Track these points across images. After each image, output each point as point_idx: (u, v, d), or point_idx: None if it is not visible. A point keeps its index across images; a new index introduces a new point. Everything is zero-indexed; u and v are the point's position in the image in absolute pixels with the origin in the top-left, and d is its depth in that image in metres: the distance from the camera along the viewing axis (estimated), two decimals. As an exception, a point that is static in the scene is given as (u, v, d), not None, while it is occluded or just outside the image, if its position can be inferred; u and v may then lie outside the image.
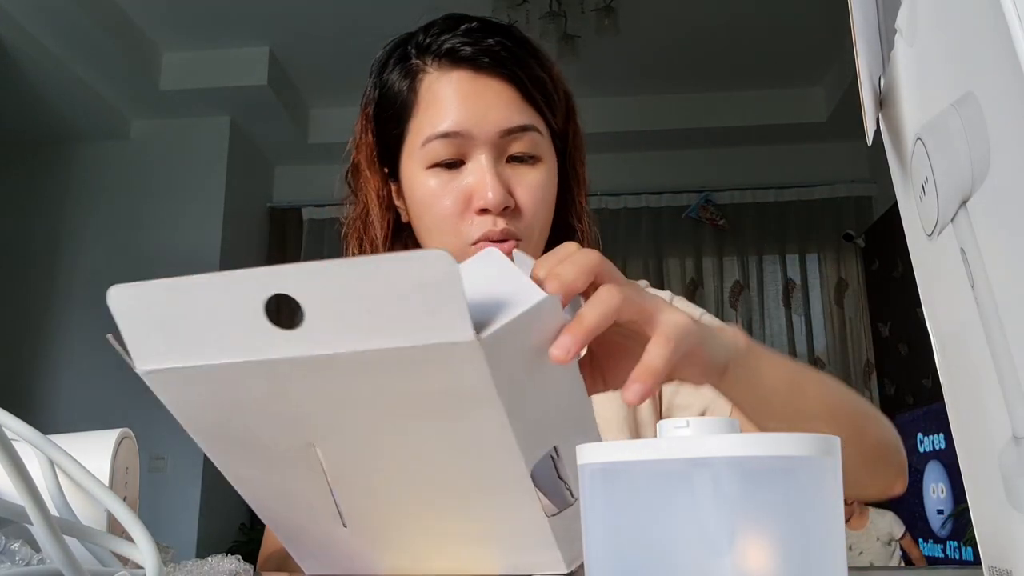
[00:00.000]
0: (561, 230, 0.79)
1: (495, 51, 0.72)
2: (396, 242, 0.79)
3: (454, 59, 0.73)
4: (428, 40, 0.75)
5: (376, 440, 0.39)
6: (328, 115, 4.05)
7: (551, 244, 0.77)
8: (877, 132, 0.36)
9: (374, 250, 0.78)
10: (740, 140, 4.11)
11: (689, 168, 4.16)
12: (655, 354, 0.42)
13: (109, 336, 0.38)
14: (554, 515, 0.41)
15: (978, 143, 0.26)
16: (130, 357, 0.38)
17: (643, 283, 0.87)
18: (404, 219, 0.78)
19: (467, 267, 0.40)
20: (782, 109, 3.97)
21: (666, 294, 0.86)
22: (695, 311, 0.83)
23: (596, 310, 0.41)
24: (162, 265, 3.60)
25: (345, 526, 0.44)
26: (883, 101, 0.35)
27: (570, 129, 0.80)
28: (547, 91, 0.75)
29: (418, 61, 0.75)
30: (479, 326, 0.33)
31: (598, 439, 0.44)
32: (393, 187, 0.79)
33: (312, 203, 4.19)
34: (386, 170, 0.79)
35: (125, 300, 0.36)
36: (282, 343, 0.35)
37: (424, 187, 0.73)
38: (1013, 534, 0.28)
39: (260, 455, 0.41)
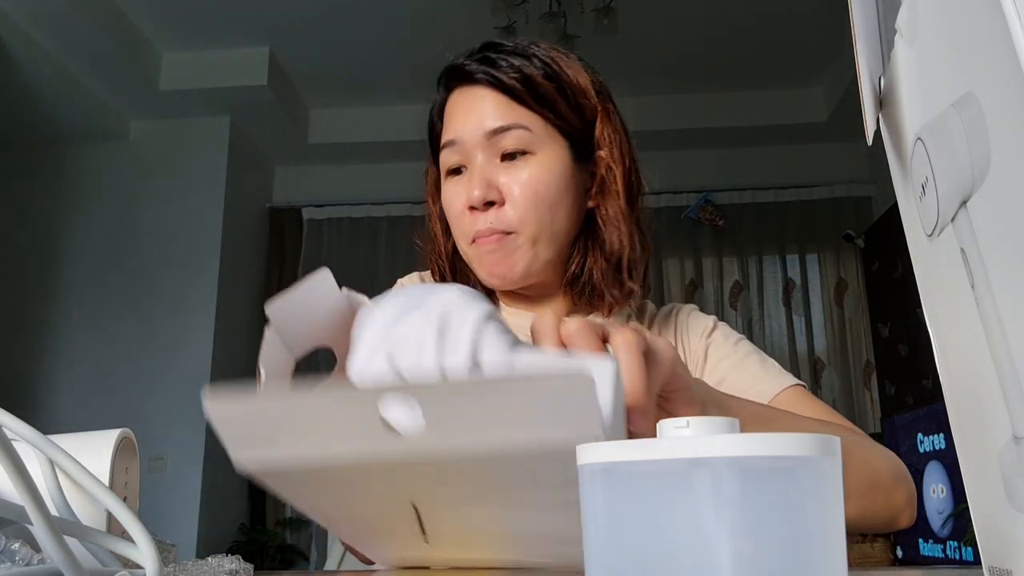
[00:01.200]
0: (591, 233, 0.83)
1: (487, 62, 0.79)
2: (456, 253, 0.86)
3: (458, 78, 0.81)
4: (452, 68, 0.83)
5: (478, 505, 0.40)
6: (328, 115, 4.05)
7: (586, 243, 0.82)
8: (877, 132, 0.36)
9: (440, 265, 0.87)
10: (740, 140, 4.10)
11: (688, 168, 4.16)
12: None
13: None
14: None
15: (978, 143, 0.26)
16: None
17: (689, 307, 0.93)
18: None
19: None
20: (782, 109, 3.97)
21: (710, 319, 0.90)
22: (732, 336, 0.88)
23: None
24: (162, 265, 3.60)
25: (427, 543, 0.45)
26: (883, 101, 0.35)
27: (597, 131, 0.84)
28: (539, 91, 0.79)
29: (442, 90, 0.84)
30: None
31: None
32: None
33: (312, 203, 4.19)
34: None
35: (223, 410, 0.36)
36: (399, 444, 0.34)
37: (444, 194, 0.82)
38: (1013, 534, 0.28)
39: (355, 512, 0.43)
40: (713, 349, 0.85)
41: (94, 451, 0.49)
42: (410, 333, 0.41)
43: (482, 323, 0.41)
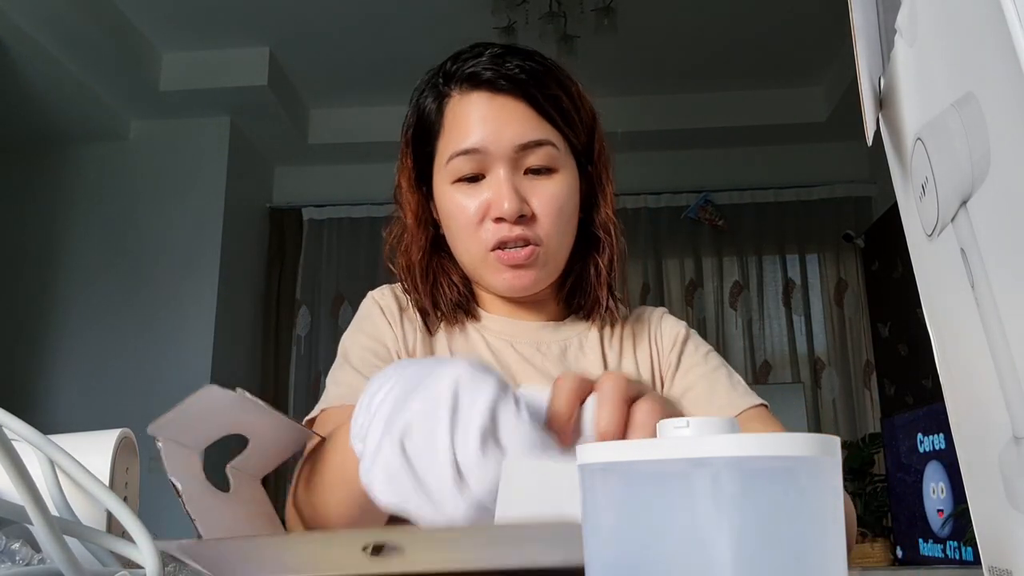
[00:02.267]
0: (587, 239, 0.86)
1: (512, 73, 0.78)
2: (435, 255, 0.86)
3: (474, 82, 0.79)
4: (454, 67, 0.81)
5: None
6: (328, 115, 4.05)
7: (577, 250, 0.85)
8: (877, 132, 0.36)
9: (410, 264, 0.86)
10: (740, 140, 4.10)
11: (688, 168, 4.16)
12: None
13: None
14: None
15: (978, 143, 0.26)
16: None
17: (661, 311, 0.94)
18: (442, 231, 0.85)
19: (516, 480, 0.40)
20: (782, 109, 3.97)
21: (681, 325, 0.91)
22: (703, 347, 0.90)
23: None
24: (162, 265, 3.60)
25: None
26: (883, 101, 0.35)
27: (595, 146, 0.86)
28: (564, 108, 0.80)
29: (445, 87, 0.81)
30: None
31: None
32: (432, 203, 0.85)
33: (312, 203, 4.19)
34: (424, 189, 0.86)
35: (205, 551, 0.38)
36: (382, 565, 0.36)
37: (450, 200, 0.80)
38: (1013, 534, 0.28)
39: None
40: (686, 357, 0.88)
41: (94, 451, 0.49)
42: (420, 416, 0.40)
43: (495, 402, 0.40)
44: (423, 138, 0.83)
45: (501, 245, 0.78)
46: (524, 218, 0.77)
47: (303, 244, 4.19)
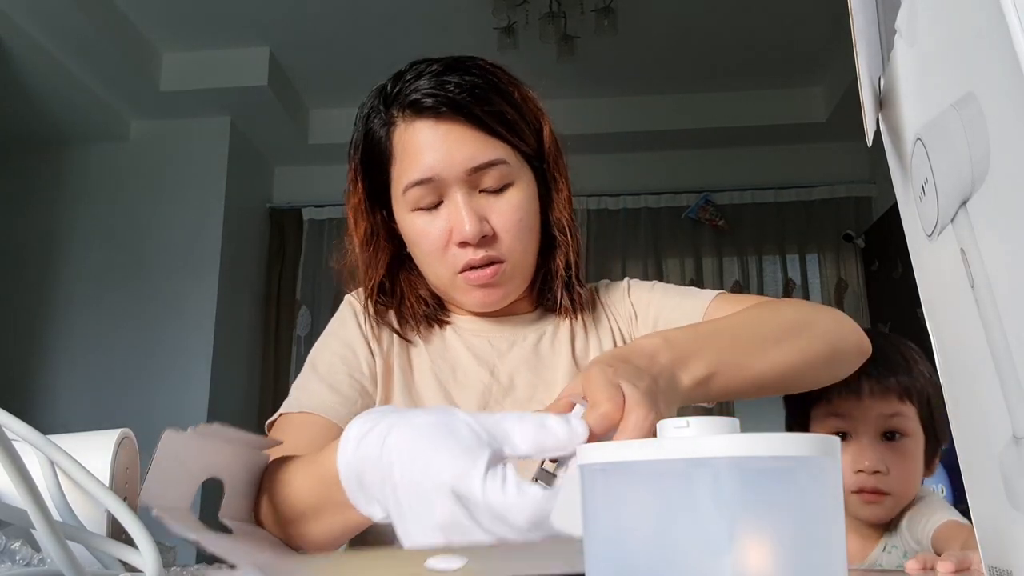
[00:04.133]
0: (547, 241, 0.87)
1: (453, 95, 0.77)
2: (400, 272, 0.87)
3: (417, 109, 0.78)
4: (396, 90, 0.80)
5: None
6: (328, 115, 4.05)
7: (542, 253, 0.87)
8: (877, 132, 0.36)
9: (371, 288, 0.86)
10: (740, 140, 4.10)
11: (688, 168, 4.15)
12: None
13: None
14: None
15: (978, 143, 0.26)
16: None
17: (625, 281, 0.95)
18: (406, 251, 0.86)
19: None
20: (782, 109, 3.96)
21: (622, 281, 0.94)
22: (646, 283, 0.93)
23: None
24: (162, 265, 3.60)
25: None
26: (883, 101, 0.35)
27: (544, 148, 0.86)
28: (509, 121, 0.80)
29: (388, 113, 0.81)
30: None
31: None
32: (393, 224, 0.86)
33: (312, 203, 4.19)
34: (385, 212, 0.86)
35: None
36: None
37: (412, 227, 0.81)
38: (1013, 534, 0.28)
39: None
40: (635, 299, 0.91)
41: (94, 451, 0.49)
42: (439, 519, 0.44)
43: (485, 478, 0.43)
44: (375, 164, 0.83)
45: (468, 267, 0.79)
46: (486, 238, 0.79)
47: (303, 244, 4.19)
